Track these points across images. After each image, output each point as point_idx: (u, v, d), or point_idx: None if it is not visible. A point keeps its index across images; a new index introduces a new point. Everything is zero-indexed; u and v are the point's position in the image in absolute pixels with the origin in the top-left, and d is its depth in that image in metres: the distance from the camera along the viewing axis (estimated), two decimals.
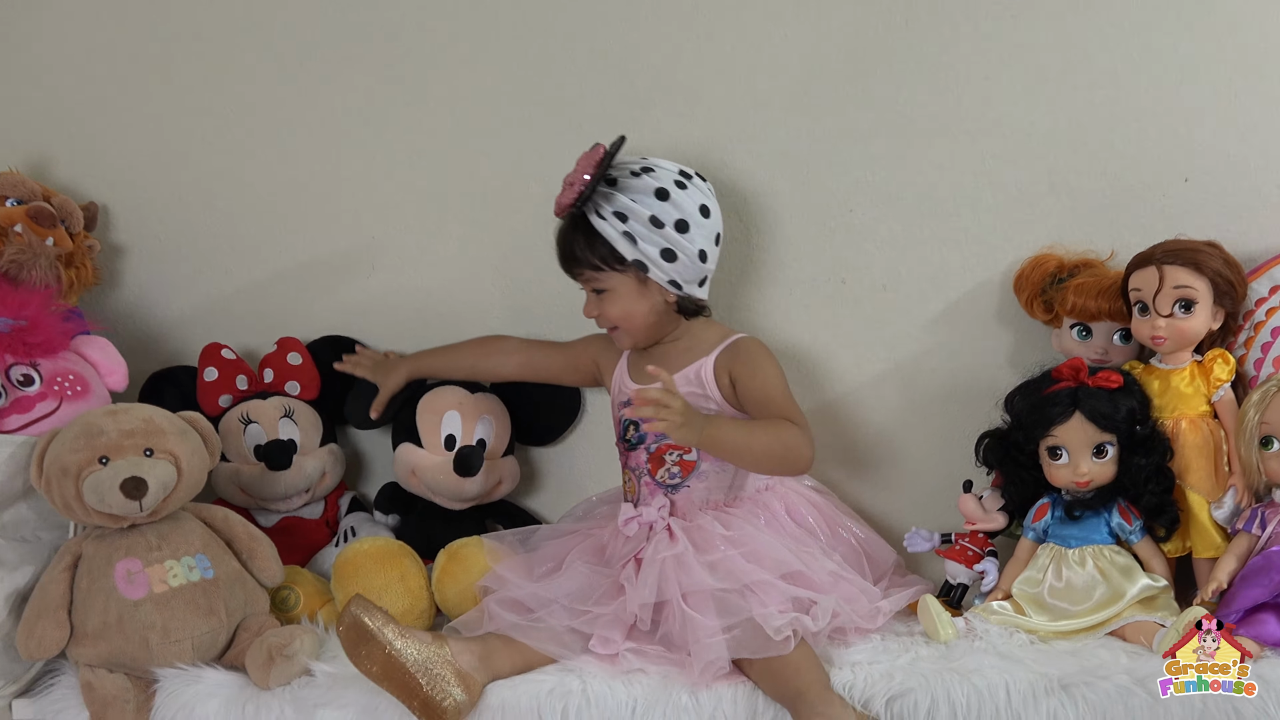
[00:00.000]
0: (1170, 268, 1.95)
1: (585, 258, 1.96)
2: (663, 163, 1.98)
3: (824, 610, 1.82)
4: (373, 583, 2.00)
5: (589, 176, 1.93)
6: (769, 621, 1.77)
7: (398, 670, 1.73)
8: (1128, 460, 1.93)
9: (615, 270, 1.95)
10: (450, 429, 2.17)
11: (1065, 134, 2.12)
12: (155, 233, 2.33)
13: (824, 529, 2.00)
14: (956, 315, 2.18)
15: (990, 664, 1.78)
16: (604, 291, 1.98)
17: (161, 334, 2.35)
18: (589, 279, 1.98)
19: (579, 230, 1.96)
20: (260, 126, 2.30)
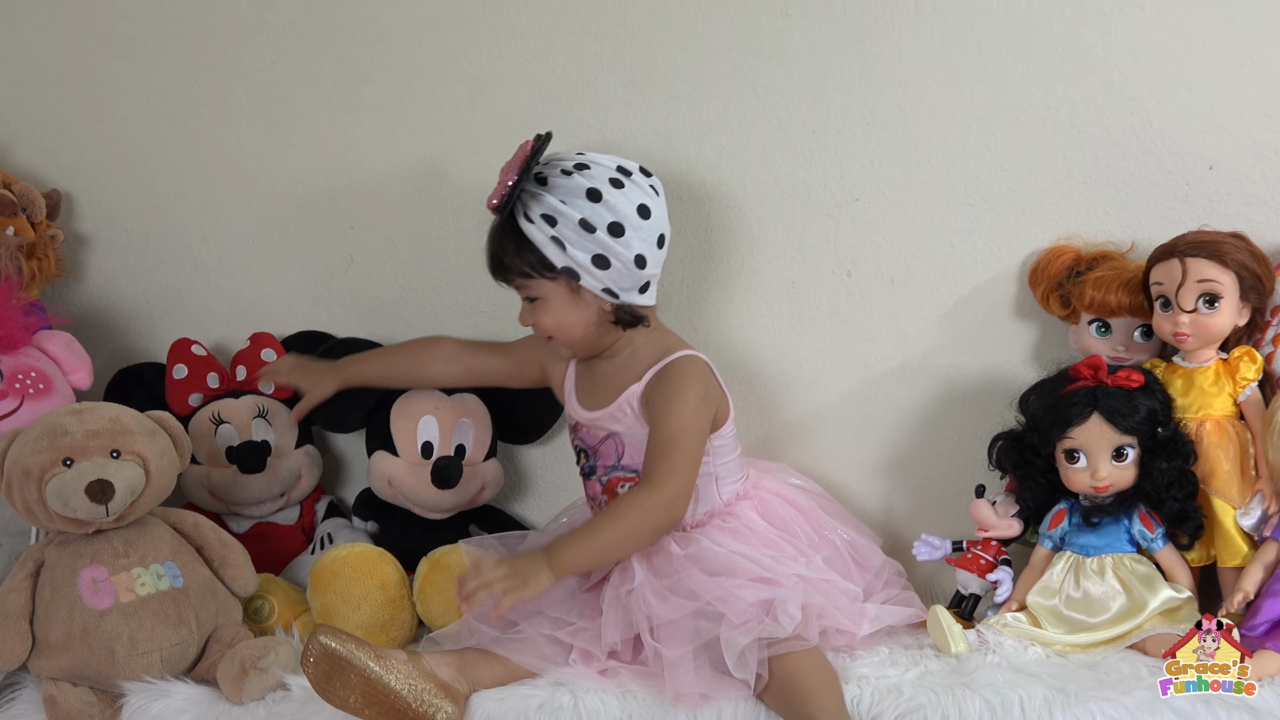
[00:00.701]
0: (1194, 260, 1.94)
1: (514, 264, 1.91)
2: (599, 158, 1.92)
3: (789, 607, 1.79)
4: (351, 591, 2.00)
5: (514, 176, 1.89)
6: (732, 646, 1.76)
7: (381, 693, 1.72)
8: (1149, 464, 1.92)
9: (545, 278, 1.90)
10: (426, 436, 2.17)
11: (1083, 119, 2.12)
12: (121, 222, 2.33)
13: (806, 530, 1.98)
14: (969, 310, 2.17)
15: (1004, 679, 1.78)
16: (536, 300, 1.93)
17: (128, 329, 2.34)
18: (520, 285, 1.93)
19: (508, 233, 1.90)
20: (233, 111, 2.29)
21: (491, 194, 1.91)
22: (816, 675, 1.77)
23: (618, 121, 2.20)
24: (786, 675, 1.76)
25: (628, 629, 1.83)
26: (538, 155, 1.91)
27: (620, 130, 2.19)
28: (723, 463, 1.97)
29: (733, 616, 1.78)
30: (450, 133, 2.25)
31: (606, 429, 1.97)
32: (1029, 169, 2.14)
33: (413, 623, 2.05)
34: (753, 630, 1.77)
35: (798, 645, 1.77)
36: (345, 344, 2.23)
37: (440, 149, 2.26)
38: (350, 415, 2.22)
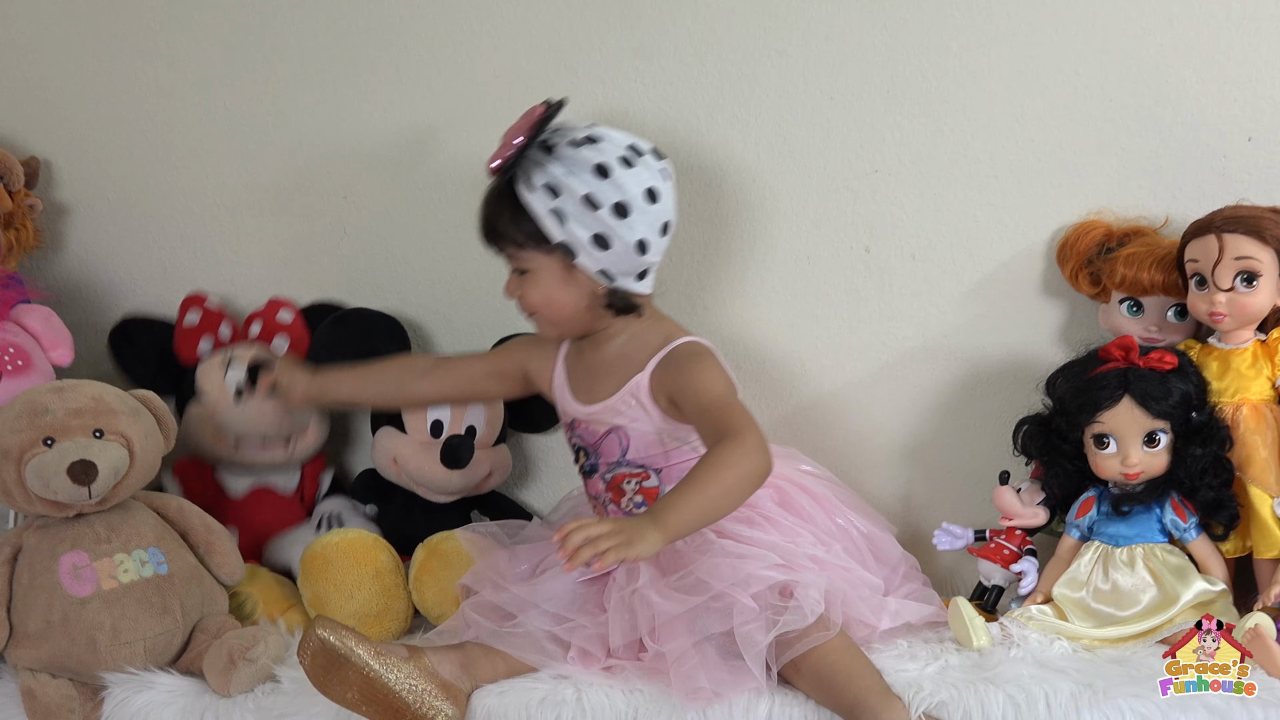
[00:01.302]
0: (1231, 236, 1.93)
1: (508, 232, 1.89)
2: (611, 133, 1.88)
3: (812, 592, 1.78)
4: (344, 579, 2.00)
5: (522, 139, 1.87)
6: (750, 643, 1.75)
7: (380, 692, 1.72)
8: (1182, 450, 1.91)
9: (539, 251, 1.88)
10: (438, 414, 2.16)
11: (1115, 87, 2.11)
12: (103, 191, 2.33)
13: (823, 519, 1.97)
14: (993, 288, 2.17)
15: (1028, 674, 1.77)
16: (526, 272, 1.91)
17: (110, 303, 2.34)
18: (511, 255, 1.91)
19: (505, 199, 1.88)
20: (220, 76, 2.28)
21: (493, 155, 1.89)
22: (849, 656, 1.76)
23: (624, 87, 2.19)
24: (818, 660, 1.75)
25: (632, 631, 1.82)
26: (548, 121, 1.88)
27: (627, 96, 2.18)
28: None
29: (750, 603, 1.77)
30: (448, 99, 2.25)
31: (608, 423, 1.95)
32: (1058, 140, 2.13)
33: (408, 612, 2.05)
34: (770, 624, 1.76)
35: (821, 637, 1.76)
36: (358, 314, 2.23)
37: (437, 115, 2.26)
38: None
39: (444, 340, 2.28)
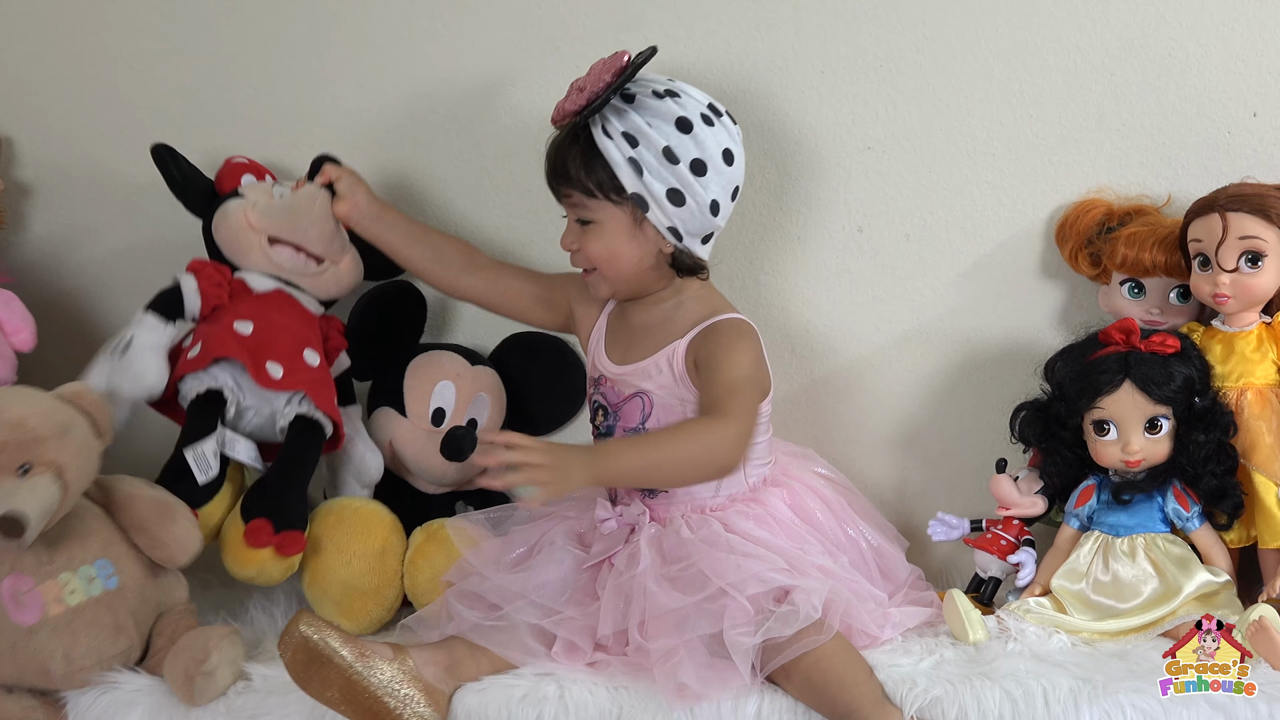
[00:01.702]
0: (1235, 215, 1.92)
1: (579, 178, 1.88)
2: (692, 90, 1.90)
3: (813, 599, 1.77)
4: (348, 544, 2.01)
5: (607, 81, 1.85)
6: (738, 647, 1.75)
7: (362, 695, 1.72)
8: (1185, 436, 1.91)
9: (610, 200, 1.88)
10: (441, 402, 2.16)
11: (1116, 61, 2.11)
12: (68, 170, 2.31)
13: (833, 528, 1.97)
14: (990, 269, 2.16)
15: (1026, 668, 1.77)
16: (590, 223, 1.90)
17: (76, 286, 2.33)
18: (576, 204, 1.90)
19: (578, 144, 1.88)
20: (190, 51, 2.27)
21: (564, 100, 1.89)
22: (844, 662, 1.76)
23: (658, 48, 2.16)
24: (811, 666, 1.75)
25: (622, 620, 1.82)
26: (636, 70, 1.88)
27: None
28: (758, 442, 1.95)
29: (745, 604, 1.77)
30: (426, 75, 2.24)
31: (636, 386, 1.94)
32: (1057, 116, 2.13)
33: (397, 600, 2.05)
34: (760, 629, 1.75)
35: (813, 642, 1.75)
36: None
37: (414, 92, 2.25)
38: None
39: (466, 327, 2.28)
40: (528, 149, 2.09)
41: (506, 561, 1.95)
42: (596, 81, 1.87)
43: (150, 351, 2.01)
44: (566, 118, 1.90)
